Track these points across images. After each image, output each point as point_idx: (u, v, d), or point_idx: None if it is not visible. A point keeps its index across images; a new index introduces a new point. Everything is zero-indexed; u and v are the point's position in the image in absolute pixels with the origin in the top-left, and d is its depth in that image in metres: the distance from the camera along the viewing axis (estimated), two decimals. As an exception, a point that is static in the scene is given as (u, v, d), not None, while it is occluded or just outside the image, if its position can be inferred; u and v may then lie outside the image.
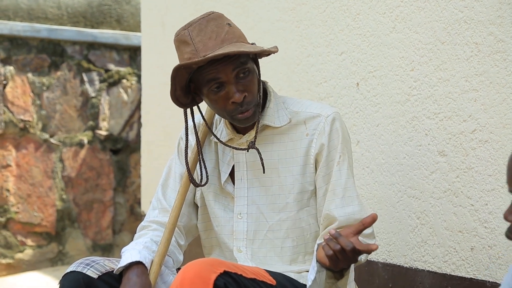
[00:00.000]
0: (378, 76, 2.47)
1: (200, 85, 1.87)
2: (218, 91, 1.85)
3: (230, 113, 1.87)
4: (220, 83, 1.85)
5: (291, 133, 1.95)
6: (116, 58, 4.47)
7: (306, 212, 1.96)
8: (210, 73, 1.84)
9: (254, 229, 1.97)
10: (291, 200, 1.95)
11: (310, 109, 1.96)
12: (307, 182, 1.94)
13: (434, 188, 2.29)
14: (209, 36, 1.85)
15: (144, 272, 1.86)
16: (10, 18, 4.23)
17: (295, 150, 1.95)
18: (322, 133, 1.92)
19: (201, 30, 1.86)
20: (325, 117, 1.93)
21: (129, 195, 4.49)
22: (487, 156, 2.14)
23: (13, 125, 4.11)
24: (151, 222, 2.04)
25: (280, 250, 1.96)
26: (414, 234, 2.36)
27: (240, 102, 1.85)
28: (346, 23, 2.58)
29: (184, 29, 1.88)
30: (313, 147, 1.93)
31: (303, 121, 1.95)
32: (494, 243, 2.12)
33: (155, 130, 3.81)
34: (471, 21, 2.16)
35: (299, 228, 1.96)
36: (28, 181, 4.14)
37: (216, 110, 1.91)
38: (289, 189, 1.94)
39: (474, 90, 2.16)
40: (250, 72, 1.87)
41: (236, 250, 1.99)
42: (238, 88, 1.85)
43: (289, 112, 1.96)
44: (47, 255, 4.22)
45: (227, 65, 1.83)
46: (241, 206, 1.98)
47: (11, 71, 4.12)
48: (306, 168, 1.94)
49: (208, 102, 1.90)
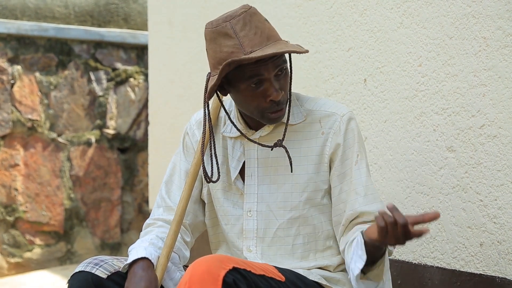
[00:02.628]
0: (386, 72, 2.46)
1: (238, 80, 1.85)
2: (256, 88, 1.84)
3: (264, 110, 1.86)
4: (260, 80, 1.83)
5: (306, 131, 1.95)
6: (123, 56, 4.47)
7: (318, 210, 1.95)
8: (254, 70, 1.82)
9: (264, 227, 1.96)
10: (304, 199, 1.94)
11: (325, 108, 1.95)
12: (321, 180, 1.94)
13: (443, 184, 2.28)
14: (254, 32, 1.82)
15: (150, 266, 1.86)
16: (18, 17, 4.24)
17: (310, 148, 1.94)
18: (338, 132, 1.92)
19: (245, 24, 1.82)
20: (341, 116, 1.93)
21: (136, 193, 4.49)
22: (496, 151, 2.13)
23: (21, 124, 4.12)
24: (156, 220, 2.03)
25: (291, 248, 1.96)
26: (422, 230, 2.35)
27: (277, 100, 1.84)
28: (353, 19, 2.57)
29: (225, 22, 1.83)
30: (328, 146, 1.92)
31: (318, 119, 1.94)
32: (503, 238, 2.11)
33: (162, 128, 3.81)
34: (479, 16, 2.15)
35: (311, 226, 1.95)
36: (36, 180, 4.15)
37: (247, 106, 1.88)
38: (303, 188, 1.94)
39: (483, 85, 2.15)
40: (286, 71, 1.88)
41: (246, 249, 1.98)
42: (276, 86, 1.84)
43: (304, 110, 1.96)
44: (56, 254, 4.23)
45: (272, 62, 1.83)
46: (250, 203, 1.97)
47: (18, 71, 4.13)
48: (321, 167, 1.93)
49: (241, 98, 1.87)
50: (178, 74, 3.60)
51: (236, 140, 2.00)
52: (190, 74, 3.50)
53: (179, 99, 3.61)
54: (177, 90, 3.63)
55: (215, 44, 1.85)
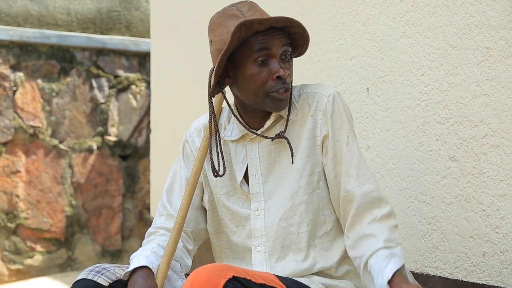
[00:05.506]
0: (388, 81, 2.46)
1: (245, 57, 1.87)
2: (262, 64, 1.87)
3: (270, 89, 1.87)
4: (268, 56, 1.86)
5: (298, 117, 1.96)
6: (125, 64, 4.48)
7: (317, 195, 1.96)
8: (262, 42, 1.85)
9: (270, 222, 1.96)
10: (304, 183, 1.94)
11: (311, 89, 1.97)
12: (316, 163, 1.95)
13: (445, 193, 2.27)
14: (260, 14, 1.89)
15: (149, 275, 1.86)
16: (20, 24, 4.25)
17: (303, 132, 1.95)
18: (326, 113, 1.93)
19: (251, 7, 1.89)
20: (327, 97, 1.94)
21: (137, 201, 4.49)
22: (499, 161, 2.13)
23: (22, 131, 4.12)
24: (158, 228, 2.03)
25: (296, 237, 1.95)
26: (425, 240, 2.35)
27: (284, 77, 1.86)
28: (356, 28, 2.57)
29: (231, 7, 1.90)
30: (319, 128, 1.94)
31: (307, 103, 1.96)
32: (506, 248, 2.11)
33: (164, 135, 3.81)
34: (482, 26, 2.15)
35: (312, 211, 1.95)
36: (37, 187, 4.15)
37: (252, 88, 1.89)
38: (300, 172, 1.94)
39: (485, 95, 2.15)
40: (290, 59, 1.91)
41: (254, 249, 1.98)
42: (282, 65, 1.87)
43: (295, 100, 1.98)
44: (56, 261, 4.22)
45: (279, 38, 1.87)
46: (257, 202, 1.97)
47: (21, 77, 4.13)
48: (314, 149, 1.94)
49: (247, 79, 1.88)
50: (180, 81, 3.60)
51: (238, 143, 2.01)
52: (192, 82, 3.50)
53: (181, 106, 3.61)
54: (179, 97, 3.63)
55: (222, 27, 1.89)
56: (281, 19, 1.85)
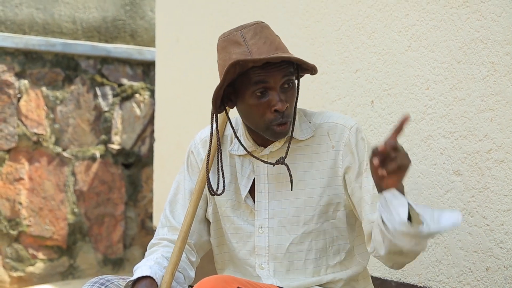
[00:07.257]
0: (393, 94, 2.47)
1: (244, 88, 1.85)
2: (261, 96, 1.84)
3: (269, 122, 1.86)
4: (266, 88, 1.84)
5: (315, 144, 1.95)
6: (130, 72, 4.49)
7: (331, 224, 1.96)
8: (260, 75, 1.82)
9: (276, 243, 1.96)
10: (318, 213, 1.94)
11: (333, 120, 1.97)
12: (334, 194, 1.94)
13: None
14: (263, 41, 1.84)
15: (153, 285, 1.86)
16: (26, 32, 4.26)
17: (322, 162, 1.94)
18: (348, 144, 1.93)
19: (255, 33, 1.85)
20: (349, 129, 1.94)
21: (140, 209, 4.49)
22: (503, 176, 2.13)
23: (26, 138, 4.13)
24: (161, 240, 2.03)
25: (303, 263, 1.95)
26: (428, 254, 2.35)
27: (282, 111, 1.84)
28: (361, 41, 2.58)
29: (236, 31, 1.86)
30: (341, 159, 1.93)
31: (326, 132, 1.95)
32: (510, 263, 2.11)
33: (168, 144, 3.81)
34: (487, 41, 2.16)
35: (322, 240, 1.95)
36: (40, 194, 4.15)
37: (253, 117, 1.88)
38: (316, 202, 1.94)
39: (490, 110, 2.16)
40: (293, 85, 1.88)
41: (258, 266, 1.97)
42: (281, 97, 1.85)
43: (312, 125, 1.96)
44: (58, 268, 4.22)
45: (278, 71, 1.83)
46: (262, 220, 1.97)
47: (25, 85, 4.14)
48: (334, 180, 1.94)
49: (247, 108, 1.87)
50: (185, 90, 3.61)
51: (244, 158, 2.00)
52: (197, 91, 3.50)
53: (185, 116, 3.62)
54: (183, 106, 3.63)
55: (225, 52, 1.86)
56: (277, 58, 1.81)
